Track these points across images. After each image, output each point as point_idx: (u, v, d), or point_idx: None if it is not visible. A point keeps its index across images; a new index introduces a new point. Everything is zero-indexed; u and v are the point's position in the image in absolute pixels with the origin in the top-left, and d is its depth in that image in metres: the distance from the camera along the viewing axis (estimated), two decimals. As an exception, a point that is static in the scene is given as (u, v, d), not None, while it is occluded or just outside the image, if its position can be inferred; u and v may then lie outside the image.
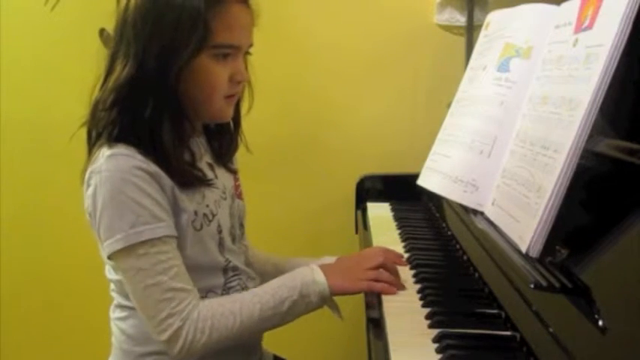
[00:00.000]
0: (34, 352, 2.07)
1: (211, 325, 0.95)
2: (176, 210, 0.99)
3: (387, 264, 1.08)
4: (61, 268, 2.03)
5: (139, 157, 0.95)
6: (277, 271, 1.23)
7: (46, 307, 2.06)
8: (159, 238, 0.94)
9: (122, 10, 0.98)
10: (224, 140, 1.14)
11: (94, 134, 1.00)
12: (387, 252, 1.16)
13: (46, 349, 2.06)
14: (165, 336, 0.94)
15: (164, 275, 0.94)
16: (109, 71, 0.99)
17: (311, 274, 1.02)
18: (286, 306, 0.99)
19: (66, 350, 2.05)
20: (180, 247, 1.00)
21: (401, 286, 1.06)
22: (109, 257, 0.96)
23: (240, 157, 1.19)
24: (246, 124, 1.15)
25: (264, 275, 1.24)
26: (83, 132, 1.02)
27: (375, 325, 0.97)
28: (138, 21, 0.96)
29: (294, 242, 1.95)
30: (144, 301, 0.95)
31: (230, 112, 1.06)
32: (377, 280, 1.04)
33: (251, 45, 1.05)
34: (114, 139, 0.97)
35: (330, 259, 1.19)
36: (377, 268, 1.06)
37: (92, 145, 1.00)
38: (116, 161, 0.94)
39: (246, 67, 1.06)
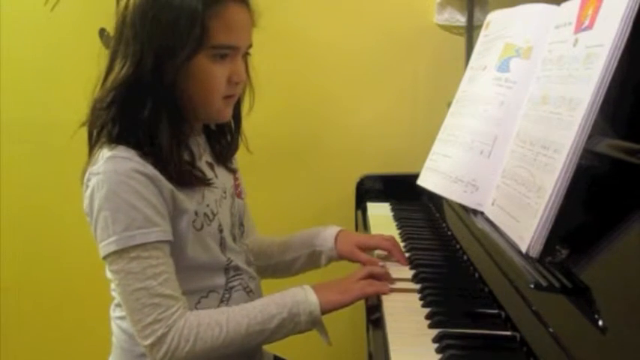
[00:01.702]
0: (35, 351, 2.07)
1: (196, 334, 0.94)
2: (176, 212, 0.99)
3: (376, 271, 1.09)
4: (61, 267, 2.03)
5: (138, 159, 0.95)
6: (282, 250, 1.26)
7: (46, 307, 2.06)
8: (151, 243, 0.94)
9: (121, 10, 0.98)
10: (224, 140, 1.14)
11: (94, 134, 1.01)
12: (395, 246, 1.19)
13: (47, 349, 2.06)
14: (148, 341, 0.93)
15: (153, 280, 0.93)
16: (109, 71, 0.99)
17: (303, 293, 1.01)
18: (274, 323, 0.98)
19: (66, 349, 2.05)
20: (181, 248, 1.00)
21: (392, 281, 1.07)
22: (104, 259, 0.97)
23: (240, 157, 1.19)
24: (246, 124, 1.15)
25: (272, 256, 1.26)
26: (83, 132, 1.02)
27: (375, 325, 0.97)
28: (136, 21, 0.96)
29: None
30: (131, 304, 0.94)
31: (228, 112, 1.06)
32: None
33: (250, 46, 1.04)
34: (114, 140, 0.97)
35: (334, 229, 1.23)
36: (367, 276, 1.07)
37: (93, 145, 1.01)
38: (114, 163, 0.94)
39: (246, 68, 1.06)
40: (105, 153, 0.96)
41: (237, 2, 0.99)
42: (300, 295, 1.01)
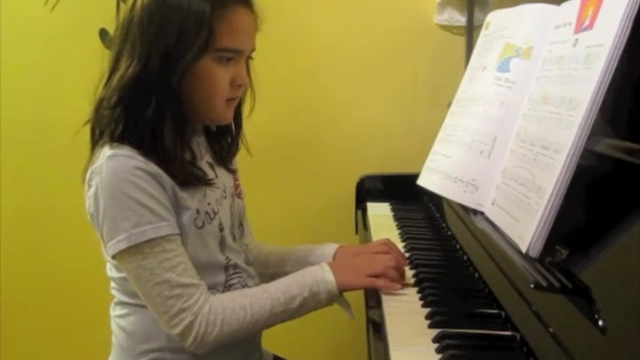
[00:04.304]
0: (35, 350, 2.07)
1: (222, 319, 0.97)
2: (178, 208, 0.99)
3: (390, 274, 1.09)
4: (61, 266, 2.04)
5: (139, 157, 0.95)
6: (281, 261, 1.25)
7: (46, 306, 2.06)
8: (162, 237, 0.95)
9: (128, 9, 0.98)
10: (224, 142, 1.14)
11: (97, 132, 1.01)
12: (392, 249, 1.18)
13: (47, 348, 2.06)
14: (177, 330, 0.96)
15: (172, 272, 0.95)
16: (113, 70, 0.99)
17: (321, 273, 1.04)
18: (297, 303, 1.01)
19: (66, 349, 2.05)
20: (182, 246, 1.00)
21: (403, 286, 1.07)
22: (113, 257, 0.97)
23: (241, 158, 1.19)
24: (245, 123, 1.15)
25: (268, 265, 1.26)
26: (83, 131, 1.02)
27: (375, 325, 0.97)
28: (144, 21, 0.96)
29: (294, 242, 1.94)
30: (154, 298, 0.96)
31: (230, 115, 1.07)
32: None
33: (253, 50, 1.05)
34: (116, 139, 0.97)
35: (333, 246, 1.22)
36: (384, 269, 1.07)
37: (95, 143, 1.01)
38: (116, 162, 0.95)
39: (248, 71, 1.06)
40: (106, 152, 0.96)
41: (243, 6, 1.00)
42: (318, 274, 1.04)
